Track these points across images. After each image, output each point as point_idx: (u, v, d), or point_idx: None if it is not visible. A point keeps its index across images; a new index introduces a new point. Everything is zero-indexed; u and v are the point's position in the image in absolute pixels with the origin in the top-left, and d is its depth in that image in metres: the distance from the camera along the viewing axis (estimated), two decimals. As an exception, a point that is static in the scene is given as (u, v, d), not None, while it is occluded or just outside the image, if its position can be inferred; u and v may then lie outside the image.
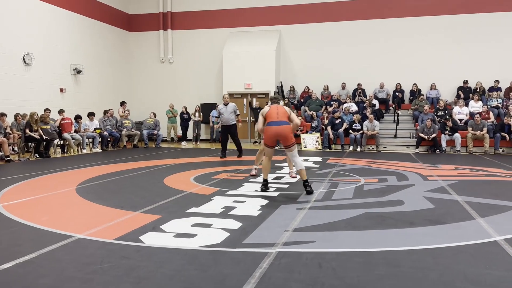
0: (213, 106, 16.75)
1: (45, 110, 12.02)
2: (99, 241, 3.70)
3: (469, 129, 12.96)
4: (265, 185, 6.03)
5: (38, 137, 11.10)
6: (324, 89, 16.65)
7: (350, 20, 16.71)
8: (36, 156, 11.17)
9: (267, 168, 6.12)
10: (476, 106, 14.15)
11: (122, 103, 15.92)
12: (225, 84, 16.91)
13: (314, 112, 14.68)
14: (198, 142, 16.41)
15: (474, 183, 7.00)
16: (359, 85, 16.23)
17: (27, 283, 2.78)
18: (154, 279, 2.84)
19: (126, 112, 15.40)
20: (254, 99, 16.60)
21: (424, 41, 16.04)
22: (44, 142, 11.37)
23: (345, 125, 13.87)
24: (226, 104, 10.65)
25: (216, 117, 12.93)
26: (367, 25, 16.54)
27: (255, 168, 7.59)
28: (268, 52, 16.62)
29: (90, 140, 13.42)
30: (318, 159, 10.75)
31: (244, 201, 5.33)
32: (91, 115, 13.79)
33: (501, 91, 14.87)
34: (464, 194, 5.80)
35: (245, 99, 16.90)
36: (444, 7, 15.89)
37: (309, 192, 5.75)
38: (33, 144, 11.42)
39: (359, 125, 13.74)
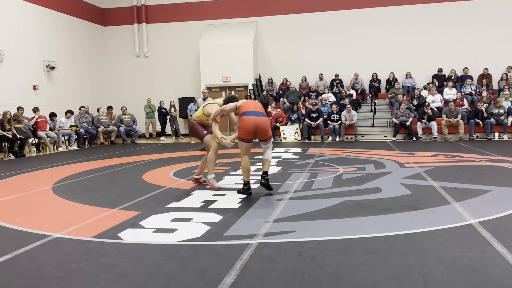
0: (191, 100, 16.62)
1: (18, 108, 11.72)
2: (76, 239, 3.64)
3: (444, 116, 13.23)
4: (246, 189, 5.18)
5: (10, 136, 10.82)
6: (302, 80, 16.71)
7: (326, 11, 16.77)
8: (10, 156, 10.90)
9: (249, 169, 5.21)
10: (450, 93, 14.43)
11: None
12: (203, 77, 16.80)
13: (296, 105, 14.66)
14: (181, 137, 16.25)
15: (449, 168, 7.15)
16: (336, 75, 16.37)
17: (2, 285, 2.72)
18: (133, 275, 2.81)
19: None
20: (233, 92, 16.52)
21: (399, 30, 16.24)
22: (18, 141, 11.10)
23: (320, 120, 13.88)
24: (204, 99, 10.87)
25: (194, 110, 12.95)
26: (343, 15, 16.64)
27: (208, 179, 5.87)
28: (245, 44, 16.55)
29: (66, 138, 13.16)
30: (298, 150, 10.81)
31: (224, 194, 5.33)
32: (68, 112, 13.50)
33: (472, 79, 15.18)
34: (440, 180, 5.92)
35: (223, 92, 16.82)
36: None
37: (267, 187, 5.16)
38: (6, 144, 11.13)
39: (337, 115, 13.87)
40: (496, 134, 12.93)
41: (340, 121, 13.74)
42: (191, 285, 2.64)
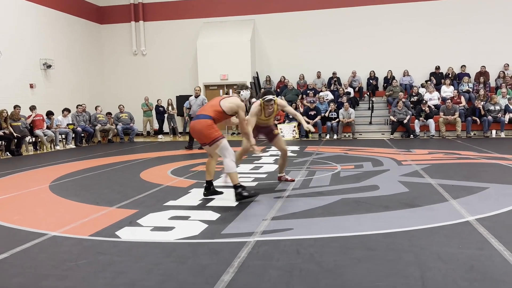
0: (189, 98, 16.59)
1: (15, 107, 11.68)
2: (74, 237, 3.63)
3: (441, 114, 13.26)
4: (206, 189, 5.11)
5: (4, 134, 10.77)
6: (300, 78, 16.71)
7: (323, 9, 16.75)
8: (7, 154, 10.87)
9: (206, 169, 5.17)
10: (448, 91, 14.45)
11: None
12: (200, 75, 16.77)
13: (293, 103, 14.62)
14: (178, 135, 16.18)
15: (447, 166, 7.16)
16: (334, 73, 16.36)
17: (0, 283, 2.72)
18: (131, 273, 2.81)
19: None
20: (231, 90, 16.50)
21: (397, 28, 16.23)
22: (15, 140, 11.06)
23: (318, 118, 13.87)
24: (196, 96, 10.92)
25: (187, 108, 12.94)
26: (341, 13, 16.62)
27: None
28: (243, 42, 16.53)
29: (63, 136, 13.13)
30: (296, 148, 10.81)
31: (222, 192, 5.31)
32: (66, 111, 13.47)
33: (469, 77, 15.21)
34: (437, 177, 5.93)
35: (221, 91, 16.81)
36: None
37: (239, 200, 4.72)
38: (3, 142, 11.09)
39: (335, 113, 13.87)
40: (493, 131, 12.97)
41: (337, 119, 13.75)
42: (189, 283, 2.64)
